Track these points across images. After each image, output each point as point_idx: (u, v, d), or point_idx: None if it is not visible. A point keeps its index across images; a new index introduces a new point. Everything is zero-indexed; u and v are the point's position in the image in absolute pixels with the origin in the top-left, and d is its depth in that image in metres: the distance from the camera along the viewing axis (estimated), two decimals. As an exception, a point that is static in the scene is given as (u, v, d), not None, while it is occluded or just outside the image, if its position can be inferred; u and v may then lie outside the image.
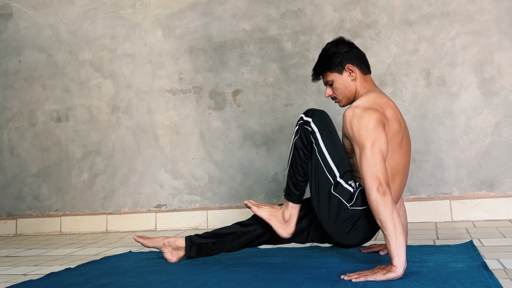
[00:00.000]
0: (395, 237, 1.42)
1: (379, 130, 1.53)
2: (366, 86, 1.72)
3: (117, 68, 3.18)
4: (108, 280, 1.69)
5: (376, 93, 1.66)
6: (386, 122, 1.58)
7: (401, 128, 1.64)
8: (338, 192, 1.61)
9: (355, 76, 1.71)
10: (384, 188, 1.45)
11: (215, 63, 3.00)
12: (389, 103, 1.65)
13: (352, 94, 1.74)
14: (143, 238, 1.94)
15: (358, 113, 1.57)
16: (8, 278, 1.88)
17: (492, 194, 2.54)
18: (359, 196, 1.60)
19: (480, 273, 1.42)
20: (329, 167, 1.63)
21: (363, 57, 1.75)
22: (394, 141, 1.60)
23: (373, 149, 1.50)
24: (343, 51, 1.72)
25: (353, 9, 2.78)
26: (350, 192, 1.61)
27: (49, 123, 3.29)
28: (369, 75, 1.76)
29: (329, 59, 1.73)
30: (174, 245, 1.92)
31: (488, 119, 2.57)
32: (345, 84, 1.72)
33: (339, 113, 2.77)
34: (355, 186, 1.63)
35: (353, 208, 1.60)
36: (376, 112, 1.57)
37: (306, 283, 1.46)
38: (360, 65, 1.73)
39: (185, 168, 3.03)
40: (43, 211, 3.27)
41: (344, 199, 1.60)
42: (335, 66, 1.72)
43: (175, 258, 1.92)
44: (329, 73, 1.74)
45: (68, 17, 3.29)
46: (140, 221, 3.05)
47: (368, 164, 1.49)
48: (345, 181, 1.62)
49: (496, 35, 2.57)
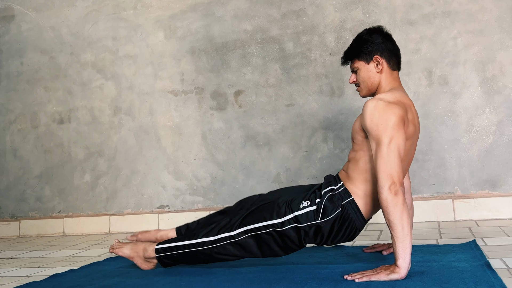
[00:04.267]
0: (402, 239, 1.41)
1: (400, 128, 1.50)
2: (392, 82, 1.68)
3: (119, 69, 3.19)
4: (112, 281, 1.69)
5: (401, 93, 1.63)
6: (406, 123, 1.55)
7: (414, 134, 1.62)
8: (303, 222, 1.61)
9: (381, 69, 1.67)
10: (396, 188, 1.43)
11: (217, 64, 3.01)
12: (411, 107, 1.63)
13: (374, 86, 1.69)
14: (136, 235, 1.99)
15: (381, 106, 1.53)
16: (12, 280, 1.89)
17: (495, 193, 2.54)
18: (326, 205, 1.60)
19: (483, 273, 1.41)
20: (278, 225, 1.63)
21: (395, 52, 1.71)
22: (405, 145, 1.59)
23: (390, 146, 1.47)
24: (376, 41, 1.67)
25: (355, 9, 2.78)
26: (312, 210, 1.61)
27: (52, 125, 3.30)
28: (397, 72, 1.72)
29: (360, 46, 1.69)
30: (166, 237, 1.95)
31: (491, 118, 2.57)
32: (369, 74, 1.68)
33: (341, 113, 2.77)
34: (313, 202, 1.62)
35: (326, 219, 1.59)
36: (399, 108, 1.53)
37: (309, 283, 1.46)
38: (389, 59, 1.68)
39: (187, 169, 3.04)
40: (46, 212, 3.28)
41: (312, 221, 1.60)
42: (364, 54, 1.68)
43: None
44: (356, 60, 1.71)
45: (70, 19, 3.30)
46: (143, 222, 3.06)
47: (384, 161, 1.46)
48: (297, 209, 1.62)
49: (498, 34, 2.57)
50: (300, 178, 2.82)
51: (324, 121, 2.80)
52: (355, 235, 1.66)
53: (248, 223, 1.66)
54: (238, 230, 1.67)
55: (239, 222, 1.68)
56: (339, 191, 1.63)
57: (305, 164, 2.83)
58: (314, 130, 2.82)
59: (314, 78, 2.82)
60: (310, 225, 1.60)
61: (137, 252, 1.83)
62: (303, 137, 2.84)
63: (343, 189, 1.63)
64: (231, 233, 1.68)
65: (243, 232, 1.67)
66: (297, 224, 1.61)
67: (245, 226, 1.67)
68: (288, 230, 1.62)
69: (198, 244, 1.72)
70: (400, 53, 1.73)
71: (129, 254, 1.84)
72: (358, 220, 1.61)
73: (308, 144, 2.83)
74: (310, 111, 2.83)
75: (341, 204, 1.60)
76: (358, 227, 1.63)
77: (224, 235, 1.69)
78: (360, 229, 1.65)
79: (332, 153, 2.78)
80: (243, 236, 1.67)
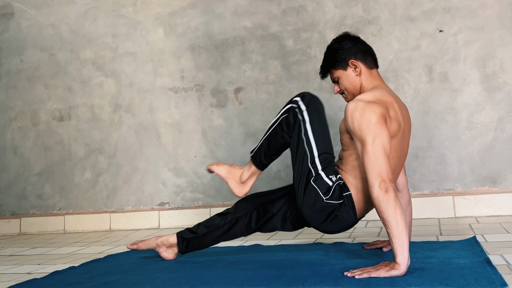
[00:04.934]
0: (398, 235, 1.41)
1: (382, 125, 1.51)
2: (373, 81, 1.70)
3: (118, 66, 3.19)
4: (112, 278, 1.69)
5: (382, 91, 1.64)
6: (388, 120, 1.56)
7: (400, 130, 1.61)
8: (317, 184, 1.63)
9: (360, 71, 1.69)
10: (386, 185, 1.43)
11: (217, 61, 3.00)
12: (393, 104, 1.62)
13: (357, 90, 1.72)
14: (136, 243, 1.95)
15: (361, 106, 1.54)
16: (13, 277, 1.89)
17: (495, 190, 2.54)
18: (337, 190, 1.62)
19: (483, 269, 1.42)
20: (313, 158, 1.65)
21: (368, 51, 1.73)
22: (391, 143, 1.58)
23: (374, 144, 1.48)
24: (346, 47, 1.70)
25: (355, 6, 2.77)
26: (328, 185, 1.63)
27: (52, 122, 3.30)
28: (376, 70, 1.73)
29: (333, 56, 1.72)
30: (167, 243, 1.93)
31: (491, 115, 2.57)
32: (350, 80, 1.71)
33: (340, 110, 2.76)
34: (335, 180, 1.64)
35: (328, 202, 1.62)
36: (379, 106, 1.55)
37: (309, 279, 1.46)
38: (365, 60, 1.70)
39: (187, 166, 3.04)
40: (47, 210, 3.28)
41: (321, 191, 1.62)
42: (339, 63, 1.71)
43: (172, 255, 1.94)
44: (333, 70, 1.74)
45: (70, 16, 3.29)
46: (143, 219, 3.06)
47: (370, 161, 1.47)
48: (326, 174, 1.64)
49: (498, 30, 2.57)
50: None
51: (324, 118, 2.80)
52: (342, 228, 1.68)
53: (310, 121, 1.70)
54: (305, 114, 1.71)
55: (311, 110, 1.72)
56: (341, 183, 1.65)
57: (305, 161, 2.82)
58: (314, 127, 2.82)
59: (314, 75, 2.82)
60: (317, 193, 1.62)
61: (232, 174, 1.84)
62: (303, 134, 2.83)
63: (343, 183, 1.65)
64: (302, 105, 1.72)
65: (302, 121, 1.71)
66: (311, 177, 1.64)
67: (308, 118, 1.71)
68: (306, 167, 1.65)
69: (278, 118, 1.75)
70: (373, 51, 1.76)
71: (225, 175, 1.85)
72: (348, 216, 1.64)
73: (308, 141, 2.82)
74: (310, 108, 2.82)
75: (344, 195, 1.63)
76: (348, 222, 1.65)
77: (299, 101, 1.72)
78: (350, 224, 1.67)
79: (332, 150, 2.78)
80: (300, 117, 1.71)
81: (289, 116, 1.71)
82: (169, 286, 1.53)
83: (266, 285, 1.45)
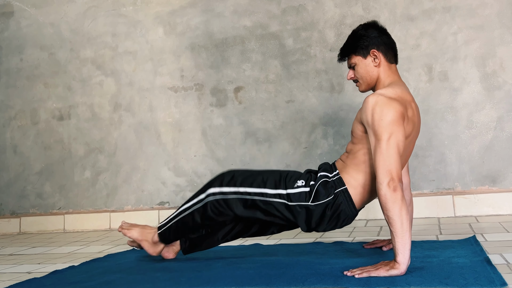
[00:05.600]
0: (401, 234, 1.41)
1: (400, 124, 1.50)
2: (391, 75, 1.68)
3: (118, 65, 3.18)
4: (112, 278, 1.69)
5: (402, 88, 1.63)
6: (406, 120, 1.56)
7: (413, 131, 1.62)
8: (294, 200, 1.63)
9: (379, 63, 1.67)
10: (395, 184, 1.43)
11: (217, 60, 3.00)
12: (411, 103, 1.62)
13: (373, 80, 1.70)
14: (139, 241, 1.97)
15: (382, 101, 1.53)
16: (12, 276, 1.89)
17: (495, 189, 2.54)
18: (319, 189, 1.61)
19: (483, 268, 1.42)
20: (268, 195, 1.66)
21: (391, 45, 1.71)
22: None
23: (389, 141, 1.47)
24: (372, 35, 1.68)
25: (354, 5, 2.77)
26: (306, 191, 1.62)
27: (52, 121, 3.30)
28: (395, 65, 1.72)
29: (356, 42, 1.69)
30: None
31: (491, 114, 2.57)
32: (367, 69, 1.69)
33: (341, 109, 2.77)
34: (308, 183, 1.64)
35: (317, 203, 1.61)
36: (399, 105, 1.53)
37: (309, 279, 1.46)
38: (386, 53, 1.68)
39: (187, 165, 3.04)
40: (47, 209, 3.28)
41: (303, 202, 1.62)
42: (360, 49, 1.68)
43: (172, 254, 1.95)
44: (353, 55, 1.71)
45: (69, 15, 3.29)
46: (143, 219, 3.06)
47: (382, 157, 1.46)
48: (292, 186, 1.64)
49: (498, 29, 2.56)
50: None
51: (324, 117, 2.80)
52: (347, 223, 1.67)
53: (240, 185, 1.69)
54: (228, 188, 1.70)
55: (229, 180, 1.71)
56: (333, 179, 1.64)
57: (305, 160, 2.83)
58: (314, 126, 2.82)
59: (314, 74, 2.82)
60: (301, 206, 1.62)
61: (145, 235, 1.87)
62: (303, 133, 2.84)
63: (338, 178, 1.64)
64: (220, 188, 1.70)
65: (232, 193, 1.69)
66: (287, 202, 1.63)
67: (235, 187, 1.69)
68: (276, 203, 1.65)
69: (188, 208, 1.77)
70: (396, 46, 1.74)
71: (137, 237, 1.88)
72: (349, 209, 1.63)
73: (308, 140, 2.83)
74: (310, 107, 2.82)
75: (334, 192, 1.62)
76: (349, 216, 1.65)
77: (213, 190, 1.72)
78: (351, 217, 1.66)
79: (332, 149, 2.78)
80: (231, 196, 1.69)
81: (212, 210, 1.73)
82: (168, 285, 1.53)
83: (266, 284, 1.45)
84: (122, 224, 1.93)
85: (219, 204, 1.71)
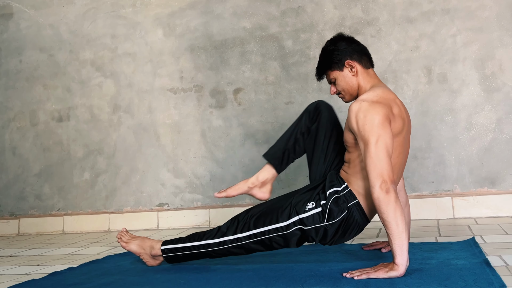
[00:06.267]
0: (398, 236, 1.41)
1: (385, 126, 1.51)
2: (370, 80, 1.70)
3: (118, 67, 3.19)
4: (111, 279, 1.69)
5: (383, 89, 1.65)
6: (392, 119, 1.57)
7: (404, 126, 1.63)
8: (309, 224, 1.61)
9: (356, 71, 1.70)
10: (387, 186, 1.43)
11: (216, 61, 3.00)
12: (396, 100, 1.63)
13: (355, 90, 1.72)
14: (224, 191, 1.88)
15: (365, 106, 1.54)
16: (11, 278, 1.89)
17: (494, 191, 2.54)
18: (332, 208, 1.59)
19: (482, 270, 1.42)
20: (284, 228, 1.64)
21: (363, 51, 1.73)
22: (396, 140, 1.59)
23: (377, 145, 1.48)
24: (342, 48, 1.71)
25: (354, 7, 2.78)
26: (318, 212, 1.61)
27: (51, 123, 3.30)
28: (372, 69, 1.74)
29: (329, 58, 1.72)
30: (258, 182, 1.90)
31: (490, 116, 2.57)
32: (347, 80, 1.71)
33: (340, 111, 2.76)
34: (318, 204, 1.62)
35: (332, 222, 1.60)
36: (383, 107, 1.55)
37: (308, 280, 1.46)
38: (361, 60, 1.71)
39: (186, 167, 3.04)
40: (46, 210, 3.28)
41: (318, 223, 1.60)
42: (335, 64, 1.71)
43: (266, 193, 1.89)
44: (330, 71, 1.74)
45: (69, 17, 3.29)
46: (142, 220, 3.06)
47: (372, 161, 1.47)
48: (303, 211, 1.62)
49: (497, 32, 2.57)
50: (299, 176, 2.82)
51: (323, 119, 2.80)
52: (357, 234, 1.68)
53: (254, 227, 1.67)
54: (242, 234, 1.68)
55: (243, 226, 1.69)
56: (343, 193, 1.63)
57: (304, 162, 2.82)
58: (313, 128, 2.82)
59: (313, 76, 2.81)
60: (317, 228, 1.61)
61: (144, 249, 1.85)
62: (302, 135, 2.83)
63: (348, 191, 1.62)
64: (235, 235, 1.68)
65: (247, 237, 1.67)
66: (302, 227, 1.62)
67: (250, 231, 1.67)
68: (294, 232, 1.63)
69: (203, 246, 1.73)
70: (368, 50, 1.76)
71: (136, 250, 1.86)
72: (362, 221, 1.63)
73: (307, 141, 2.82)
74: (309, 109, 2.82)
75: (347, 207, 1.60)
76: (361, 226, 1.65)
77: (228, 237, 1.69)
78: (363, 228, 1.67)
79: (331, 151, 2.77)
80: (247, 240, 1.68)
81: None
82: (168, 287, 1.53)
83: (265, 285, 1.45)
84: (121, 234, 1.90)
85: (236, 248, 1.71)
